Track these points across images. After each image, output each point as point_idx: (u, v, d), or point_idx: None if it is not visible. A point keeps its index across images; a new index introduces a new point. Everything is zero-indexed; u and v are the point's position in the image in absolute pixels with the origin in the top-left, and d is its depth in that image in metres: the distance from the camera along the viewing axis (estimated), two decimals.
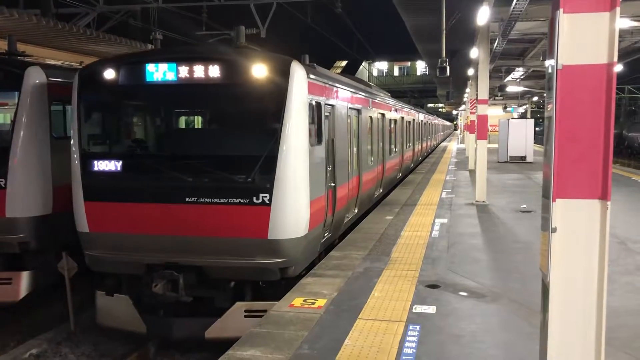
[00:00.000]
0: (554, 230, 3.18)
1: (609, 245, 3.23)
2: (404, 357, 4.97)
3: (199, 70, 7.17)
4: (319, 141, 8.11)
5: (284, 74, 7.10)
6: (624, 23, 15.25)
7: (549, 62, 3.21)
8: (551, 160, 3.15)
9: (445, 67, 15.56)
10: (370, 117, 13.02)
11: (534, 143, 28.48)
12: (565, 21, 3.07)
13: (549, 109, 3.22)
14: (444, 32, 15.57)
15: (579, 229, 3.20)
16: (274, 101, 7.11)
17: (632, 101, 60.03)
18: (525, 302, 6.37)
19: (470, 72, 25.69)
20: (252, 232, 6.94)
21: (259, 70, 7.00)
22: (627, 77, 45.98)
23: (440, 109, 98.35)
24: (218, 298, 7.28)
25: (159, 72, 7.26)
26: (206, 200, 7.04)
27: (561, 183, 3.14)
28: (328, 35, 25.16)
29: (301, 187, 7.21)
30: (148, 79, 7.31)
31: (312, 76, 7.75)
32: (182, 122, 9.39)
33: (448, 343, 5.30)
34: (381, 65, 79.27)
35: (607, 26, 3.04)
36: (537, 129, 33.45)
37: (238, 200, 6.95)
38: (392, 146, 16.92)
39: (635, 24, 15.51)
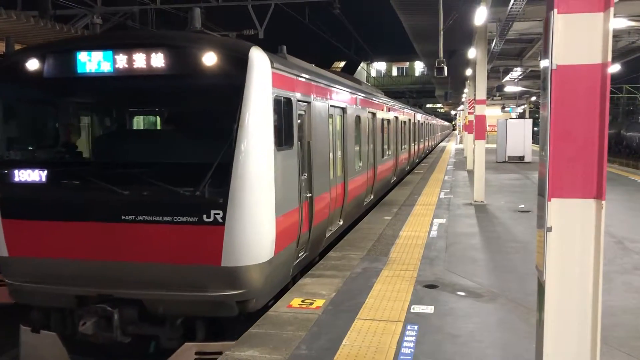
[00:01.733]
0: (550, 229, 3.20)
1: (606, 244, 3.25)
2: (401, 357, 4.99)
3: (139, 59, 5.97)
4: (289, 144, 6.88)
5: (241, 62, 5.87)
6: (621, 23, 15.30)
7: (543, 62, 3.23)
8: (546, 159, 3.17)
9: (443, 68, 15.61)
10: (358, 117, 11.80)
11: (532, 143, 28.53)
12: (560, 21, 3.09)
13: (544, 109, 3.24)
14: (442, 32, 15.61)
15: (574, 228, 3.21)
16: (228, 95, 5.95)
17: (630, 101, 60.14)
18: (523, 302, 6.39)
19: (468, 72, 25.76)
20: (203, 257, 5.75)
21: (210, 58, 5.80)
22: (625, 77, 46.08)
23: (438, 109, 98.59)
24: (163, 337, 6.04)
25: (92, 62, 6.05)
26: (146, 218, 5.83)
27: (556, 183, 3.16)
28: (326, 36, 25.19)
29: (264, 200, 5.98)
30: (79, 70, 6.09)
31: (278, 66, 6.49)
32: (119, 122, 7.67)
33: (446, 342, 5.31)
34: (379, 66, 79.37)
35: (601, 26, 3.06)
36: (535, 129, 33.51)
37: (185, 219, 5.74)
38: (385, 148, 15.83)
39: (632, 23, 15.56)
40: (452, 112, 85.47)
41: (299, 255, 7.50)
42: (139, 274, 5.90)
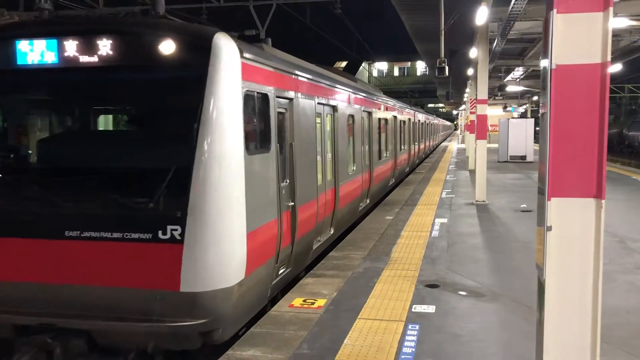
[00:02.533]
0: (550, 228, 3.20)
1: (608, 244, 3.26)
2: (403, 357, 4.99)
3: (83, 49, 5.18)
4: (265, 147, 6.08)
5: (203, 50, 5.08)
6: (622, 22, 15.29)
7: (543, 62, 3.24)
8: (546, 159, 3.18)
9: (444, 67, 15.62)
10: (352, 116, 10.95)
11: (534, 142, 28.53)
12: (559, 21, 3.10)
13: (543, 109, 3.25)
14: (443, 32, 15.61)
15: (574, 227, 3.22)
16: (187, 89, 5.18)
17: (632, 100, 60.08)
18: (524, 301, 6.39)
19: (470, 72, 25.75)
20: (158, 281, 4.92)
21: (167, 46, 5.05)
22: (626, 76, 46.02)
23: (440, 109, 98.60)
24: None
25: (34, 52, 5.27)
26: (92, 234, 5.02)
27: (556, 182, 3.17)
28: (328, 36, 25.20)
29: (231, 213, 5.14)
30: (19, 62, 5.33)
31: (250, 56, 5.67)
32: (61, 122, 6.52)
33: (447, 342, 5.32)
34: (381, 66, 79.35)
35: (600, 26, 3.07)
36: (537, 128, 33.43)
37: (137, 235, 4.95)
38: (382, 149, 15.06)
39: (634, 23, 15.54)
40: (454, 112, 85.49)
41: (279, 272, 6.66)
42: (86, 299, 5.07)
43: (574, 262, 3.23)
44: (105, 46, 5.18)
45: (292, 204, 7.00)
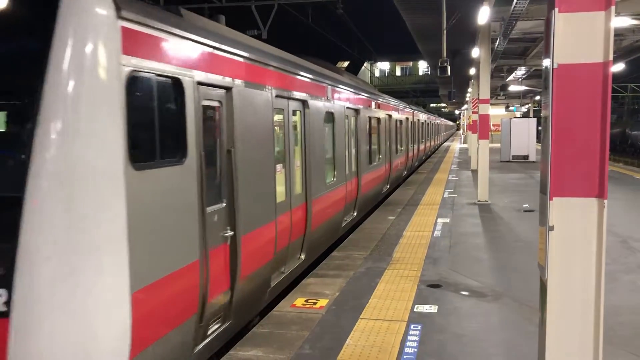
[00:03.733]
0: (552, 228, 3.20)
1: (611, 244, 3.25)
2: (405, 357, 4.99)
3: None
4: (175, 157, 4.24)
5: (47, 4, 3.26)
6: (625, 22, 15.27)
7: (544, 61, 3.23)
8: (548, 158, 3.17)
9: (446, 67, 15.61)
10: (332, 114, 9.14)
11: (537, 142, 28.51)
12: (561, 20, 3.09)
13: (545, 108, 3.25)
14: (445, 31, 15.60)
15: (576, 227, 3.21)
16: (21, 68, 3.36)
17: (635, 99, 60.01)
18: (527, 301, 6.38)
19: (472, 71, 25.74)
20: None
21: None
22: (629, 76, 45.99)
23: (443, 109, 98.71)
24: None
25: None
26: None
27: (558, 182, 3.16)
28: (329, 36, 25.19)
29: (98, 263, 3.29)
30: None
31: (140, 19, 3.72)
32: None
33: (449, 342, 5.31)
34: (383, 66, 79.36)
35: (602, 25, 3.06)
36: (539, 128, 33.41)
37: None
38: (374, 152, 13.54)
39: (636, 22, 15.51)
40: (456, 112, 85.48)
41: (208, 332, 4.88)
42: None
43: (576, 261, 3.22)
44: None
45: (231, 233, 5.21)
